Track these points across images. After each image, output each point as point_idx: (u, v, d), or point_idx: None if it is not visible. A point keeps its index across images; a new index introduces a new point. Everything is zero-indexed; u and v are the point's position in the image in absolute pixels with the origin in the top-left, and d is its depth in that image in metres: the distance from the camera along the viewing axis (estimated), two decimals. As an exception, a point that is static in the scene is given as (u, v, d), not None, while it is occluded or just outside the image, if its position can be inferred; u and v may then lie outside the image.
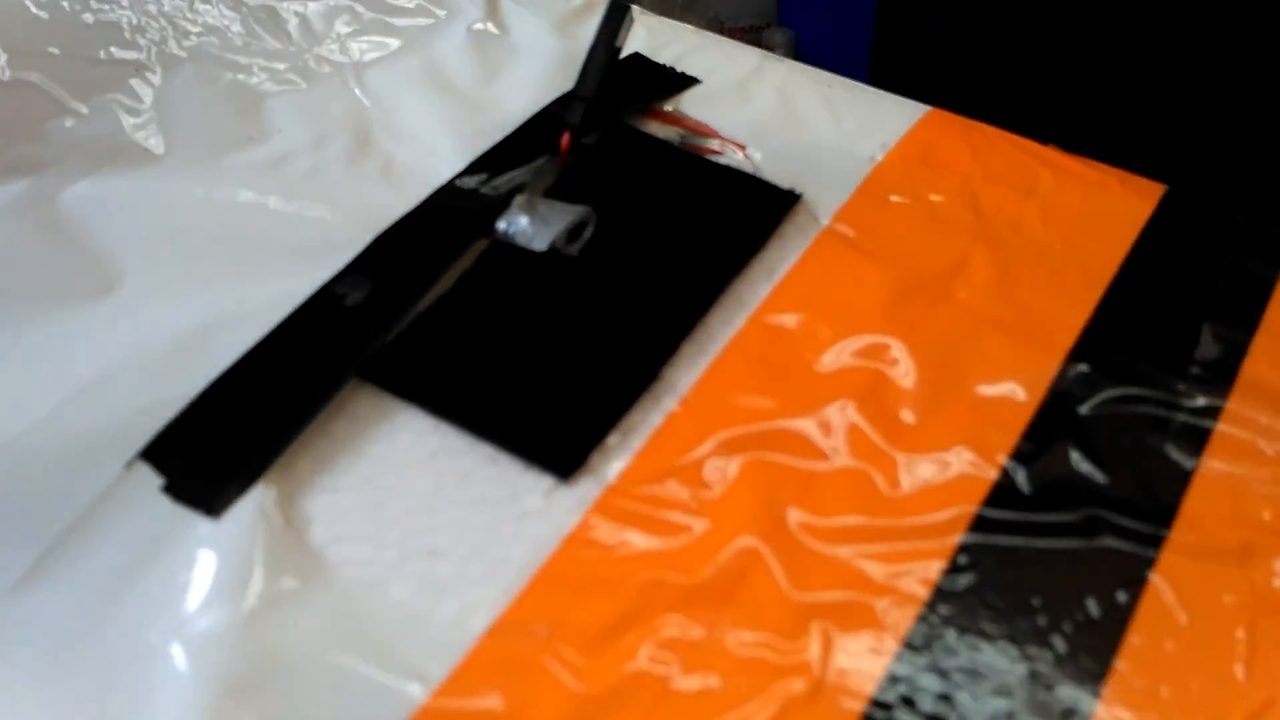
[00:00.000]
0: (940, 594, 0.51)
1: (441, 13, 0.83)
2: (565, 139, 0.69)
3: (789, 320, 0.63)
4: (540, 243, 0.63)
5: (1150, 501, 0.55)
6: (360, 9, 0.82)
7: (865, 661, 0.49)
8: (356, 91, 0.76)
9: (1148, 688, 0.48)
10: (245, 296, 0.62)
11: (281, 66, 0.77)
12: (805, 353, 0.61)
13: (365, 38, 0.80)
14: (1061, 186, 0.72)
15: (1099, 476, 0.56)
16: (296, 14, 0.80)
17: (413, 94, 0.76)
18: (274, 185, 0.69)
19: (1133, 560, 0.52)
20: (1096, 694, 0.48)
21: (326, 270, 0.63)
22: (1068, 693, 0.48)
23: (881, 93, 0.80)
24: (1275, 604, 0.51)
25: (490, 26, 0.82)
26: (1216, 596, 0.51)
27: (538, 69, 0.78)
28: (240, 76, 0.76)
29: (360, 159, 0.71)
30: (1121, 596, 0.51)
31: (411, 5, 0.83)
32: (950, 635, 0.50)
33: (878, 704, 0.47)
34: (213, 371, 0.58)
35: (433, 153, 0.72)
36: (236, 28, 0.79)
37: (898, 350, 0.61)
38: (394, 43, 0.80)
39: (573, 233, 0.64)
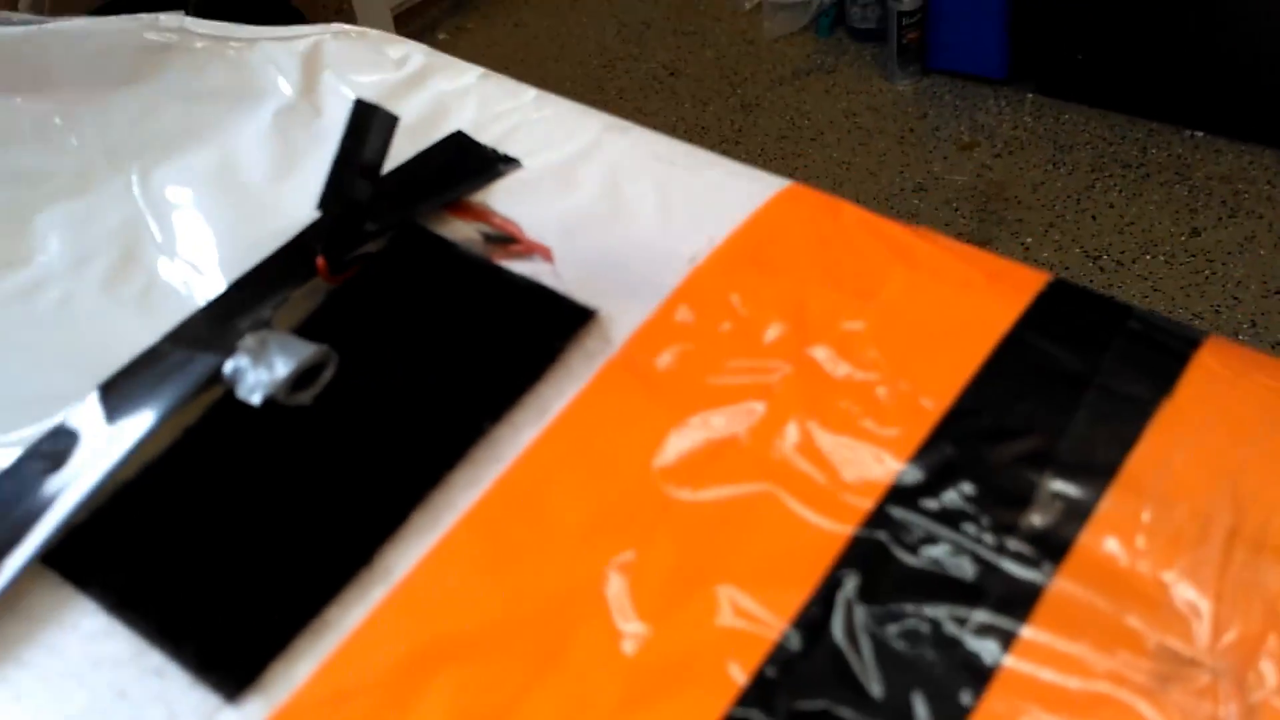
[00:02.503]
0: None
1: (249, 87, 0.75)
2: (320, 262, 0.61)
3: (542, 484, 0.54)
4: (256, 395, 0.55)
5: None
6: (167, 101, 0.75)
7: None
8: (138, 198, 0.69)
9: None
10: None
11: (66, 174, 0.71)
12: (551, 529, 0.52)
13: (162, 132, 0.73)
14: (912, 287, 0.60)
15: (863, 695, 0.45)
16: (95, 116, 0.73)
17: (197, 197, 0.69)
18: (19, 320, 0.63)
19: None
20: None
21: (45, 427, 0.57)
22: None
23: (740, 168, 0.69)
24: None
25: (304, 105, 0.74)
26: None
27: (341, 158, 0.70)
28: (19, 190, 0.70)
29: (119, 282, 0.65)
30: None
31: (221, 84, 0.75)
32: None
33: None
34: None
35: (197, 271, 0.64)
36: (26, 128, 0.73)
37: (660, 516, 0.52)
38: (195, 134, 0.73)
39: (304, 378, 0.56)
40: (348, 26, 0.79)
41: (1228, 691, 0.44)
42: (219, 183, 0.70)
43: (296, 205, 0.68)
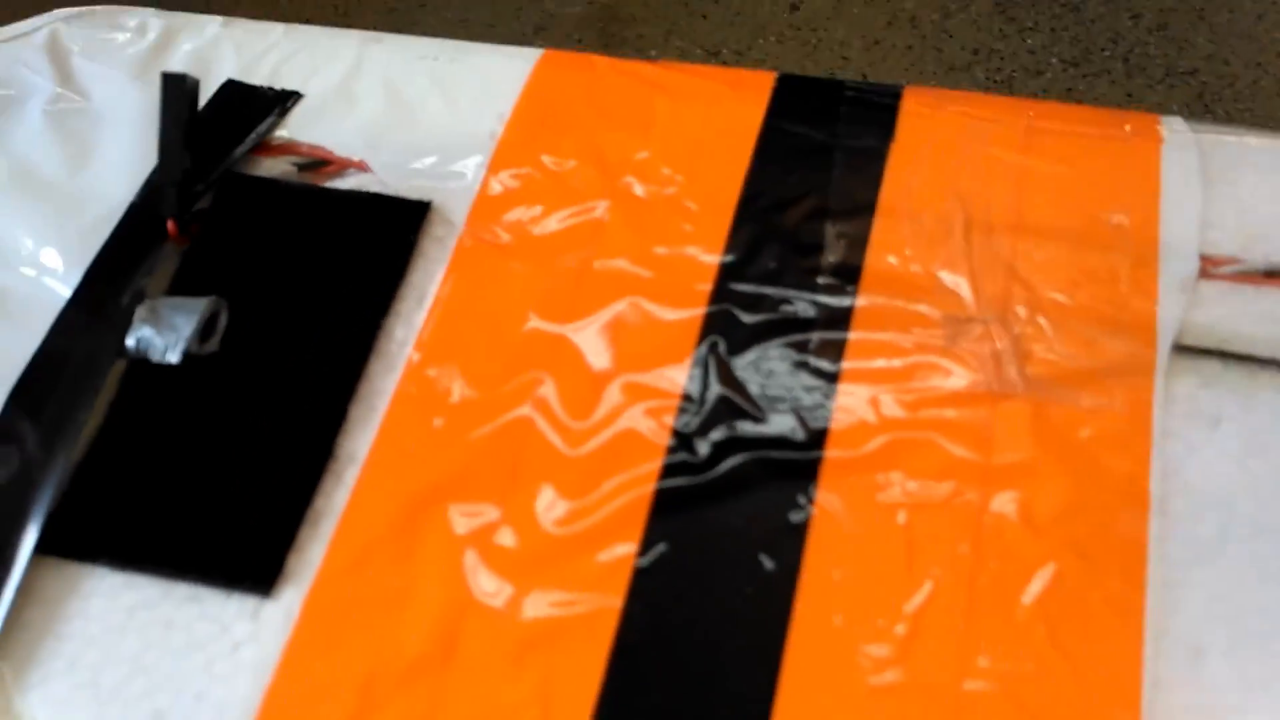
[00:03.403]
0: (637, 578, 0.55)
1: (8, 91, 0.76)
2: (171, 226, 0.66)
3: (448, 351, 0.63)
4: (173, 354, 0.61)
5: (803, 429, 0.59)
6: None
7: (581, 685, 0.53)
8: (-58, 225, 0.70)
9: (823, 620, 0.53)
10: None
11: None
12: (473, 380, 0.62)
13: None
14: (676, 112, 0.73)
15: (754, 419, 0.59)
16: None
17: (4, 206, 0.71)
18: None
19: (792, 497, 0.57)
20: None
21: (-34, 449, 0.60)
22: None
23: (492, 48, 0.79)
24: (923, 498, 0.57)
25: (69, 94, 0.76)
26: (873, 505, 0.56)
27: (128, 136, 0.73)
28: None
29: (-33, 301, 0.67)
30: (788, 539, 0.56)
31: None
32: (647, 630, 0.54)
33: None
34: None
35: (45, 272, 0.68)
36: None
37: (555, 349, 0.63)
38: (-32, 146, 0.74)
39: (206, 329, 0.63)
40: (72, 8, 0.81)
41: (999, 332, 0.61)
42: (20, 187, 0.72)
43: (105, 190, 0.71)
